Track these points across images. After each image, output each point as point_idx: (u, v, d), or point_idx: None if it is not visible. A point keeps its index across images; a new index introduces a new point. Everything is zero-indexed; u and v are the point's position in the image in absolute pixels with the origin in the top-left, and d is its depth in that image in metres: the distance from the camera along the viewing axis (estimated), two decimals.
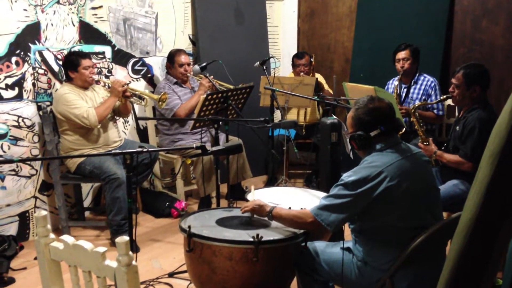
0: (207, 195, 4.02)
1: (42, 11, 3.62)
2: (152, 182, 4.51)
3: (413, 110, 3.32)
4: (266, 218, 2.24)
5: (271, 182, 4.23)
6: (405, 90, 4.11)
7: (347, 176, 2.04)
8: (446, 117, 4.12)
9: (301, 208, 2.24)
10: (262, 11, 5.28)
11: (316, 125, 4.48)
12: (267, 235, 2.13)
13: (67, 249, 1.44)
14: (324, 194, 2.39)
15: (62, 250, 1.47)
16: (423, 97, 4.03)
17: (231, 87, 3.97)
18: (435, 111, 4.01)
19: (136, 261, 1.36)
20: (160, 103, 3.74)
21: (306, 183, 4.82)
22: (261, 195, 2.65)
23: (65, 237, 1.45)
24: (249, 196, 2.59)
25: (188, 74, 4.22)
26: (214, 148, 2.29)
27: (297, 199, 2.64)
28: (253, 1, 5.24)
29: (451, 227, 1.56)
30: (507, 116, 1.14)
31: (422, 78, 4.09)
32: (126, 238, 1.30)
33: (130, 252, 1.31)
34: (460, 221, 1.32)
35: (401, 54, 4.07)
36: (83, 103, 3.52)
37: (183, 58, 4.21)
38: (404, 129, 3.65)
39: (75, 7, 3.84)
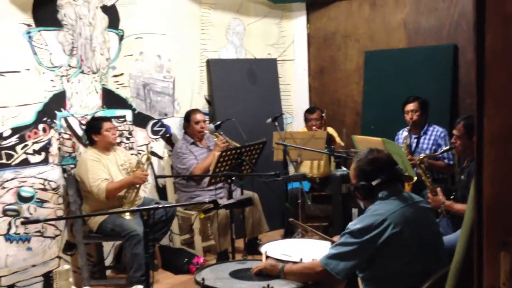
0: (224, 250, 4.08)
1: (68, 81, 3.90)
2: (171, 239, 4.60)
3: (418, 162, 3.40)
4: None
5: (288, 235, 4.28)
6: (415, 140, 4.21)
7: (353, 225, 2.13)
8: (457, 166, 4.17)
9: (313, 259, 2.31)
10: (274, 70, 5.53)
11: (330, 177, 4.58)
12: (278, 285, 2.19)
13: None
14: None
15: None
16: (434, 147, 4.11)
17: (239, 146, 4.12)
18: (445, 160, 4.08)
19: None
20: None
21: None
22: (274, 248, 2.72)
23: None
24: (261, 249, 2.67)
25: (204, 131, 4.42)
26: (225, 202, 2.41)
27: (310, 251, 2.70)
28: (265, 61, 5.51)
29: None
30: None
31: (431, 128, 4.19)
32: (140, 287, 1.41)
33: None
34: (452, 262, 1.40)
35: (410, 106, 4.20)
36: (100, 173, 3.68)
37: (199, 116, 4.43)
38: (416, 179, 3.73)
39: (98, 76, 4.13)
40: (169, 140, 4.71)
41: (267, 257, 2.48)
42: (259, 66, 5.40)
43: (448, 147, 3.65)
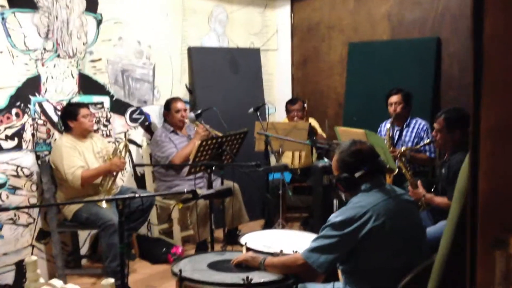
0: (203, 240, 4.03)
1: (43, 65, 3.77)
2: (149, 228, 4.53)
3: (399, 155, 3.38)
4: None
5: (268, 226, 4.24)
6: (398, 133, 4.20)
7: (334, 217, 2.09)
8: (438, 159, 4.18)
9: (293, 251, 2.28)
10: (257, 60, 5.46)
11: (311, 168, 4.55)
12: (258, 277, 2.15)
13: None
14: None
15: None
16: (416, 140, 4.11)
17: (221, 135, 4.06)
18: (427, 153, 4.08)
19: None
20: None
21: (303, 227, 4.82)
22: (254, 239, 2.68)
23: (54, 281, 1.49)
24: (241, 240, 2.62)
25: (185, 120, 4.33)
26: (205, 192, 2.35)
27: (290, 242, 2.67)
28: (248, 51, 5.43)
29: None
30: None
31: (414, 121, 4.19)
32: (111, 280, 1.34)
33: None
34: (436, 257, 1.36)
35: (393, 98, 4.19)
36: (75, 160, 3.58)
37: (179, 105, 4.34)
38: (397, 171, 3.72)
39: (75, 60, 4.00)
40: (148, 128, 4.61)
41: (248, 249, 2.44)
42: (241, 55, 5.32)
43: (429, 140, 3.65)
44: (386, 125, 4.21)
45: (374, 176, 2.16)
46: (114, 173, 3.71)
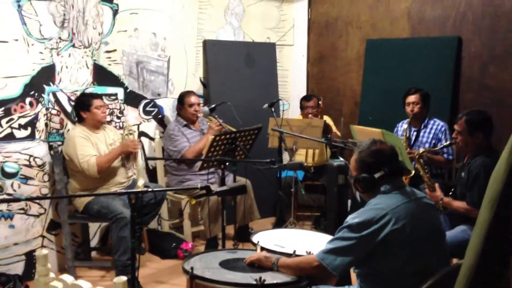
0: (214, 236, 3.99)
1: (58, 54, 3.74)
2: (159, 223, 4.50)
3: (417, 157, 3.29)
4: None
5: (279, 224, 4.19)
6: (415, 133, 4.12)
7: (352, 218, 2.03)
8: (455, 161, 4.09)
9: (307, 252, 2.22)
10: (272, 55, 5.39)
11: (325, 166, 4.48)
12: (270, 278, 2.09)
13: None
14: (330, 237, 2.37)
15: None
16: (433, 141, 4.02)
17: (235, 130, 4.01)
18: (445, 155, 4.00)
19: None
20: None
21: (315, 226, 4.76)
22: (266, 237, 2.63)
23: (65, 276, 1.45)
24: (253, 239, 2.57)
25: (198, 115, 4.29)
26: (219, 189, 2.30)
27: (303, 242, 2.61)
28: (263, 45, 5.36)
29: (458, 273, 1.53)
30: (505, 162, 1.15)
31: (432, 122, 4.10)
32: (123, 278, 1.30)
33: None
34: (461, 268, 1.30)
35: (411, 98, 4.10)
36: (89, 149, 3.56)
37: (193, 99, 4.29)
38: (413, 172, 3.64)
39: (90, 51, 3.96)
40: (161, 121, 4.57)
41: (262, 248, 2.39)
42: (257, 49, 5.25)
43: (448, 142, 3.56)
44: (403, 126, 4.13)
45: (394, 177, 2.09)
46: (132, 154, 3.69)
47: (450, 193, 3.14)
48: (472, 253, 1.22)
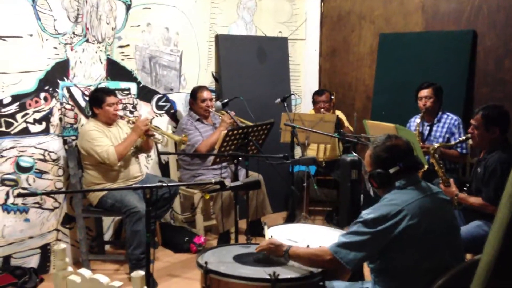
0: (226, 231, 4.00)
1: (72, 49, 3.76)
2: (172, 217, 4.52)
3: (432, 151, 3.27)
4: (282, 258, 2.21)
5: (291, 218, 4.19)
6: (428, 128, 4.09)
7: (367, 214, 2.02)
8: (470, 156, 4.06)
9: (319, 247, 2.22)
10: (284, 50, 5.38)
11: (337, 161, 4.47)
12: (284, 273, 2.10)
13: (84, 283, 1.46)
14: (343, 232, 2.36)
15: (79, 284, 1.48)
16: (447, 136, 3.99)
17: (252, 124, 4.01)
18: (458, 149, 3.96)
19: None
20: (181, 145, 3.80)
21: (327, 221, 4.76)
22: (279, 232, 2.63)
23: (83, 270, 1.47)
24: (266, 233, 2.58)
25: (210, 110, 4.30)
26: (232, 184, 2.30)
27: (316, 237, 2.61)
28: (275, 40, 5.35)
29: (473, 269, 1.52)
30: None
31: (445, 116, 4.06)
32: (141, 273, 1.31)
33: (145, 287, 1.31)
34: (479, 264, 1.29)
35: (424, 92, 4.07)
36: (105, 140, 3.59)
37: (206, 94, 4.30)
38: (426, 167, 3.61)
39: (103, 46, 3.98)
40: (174, 116, 4.59)
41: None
42: (269, 44, 5.24)
43: (463, 136, 3.53)
44: (416, 120, 4.10)
45: (409, 172, 2.07)
46: (144, 137, 3.72)
47: (465, 188, 3.12)
48: (491, 249, 1.21)
